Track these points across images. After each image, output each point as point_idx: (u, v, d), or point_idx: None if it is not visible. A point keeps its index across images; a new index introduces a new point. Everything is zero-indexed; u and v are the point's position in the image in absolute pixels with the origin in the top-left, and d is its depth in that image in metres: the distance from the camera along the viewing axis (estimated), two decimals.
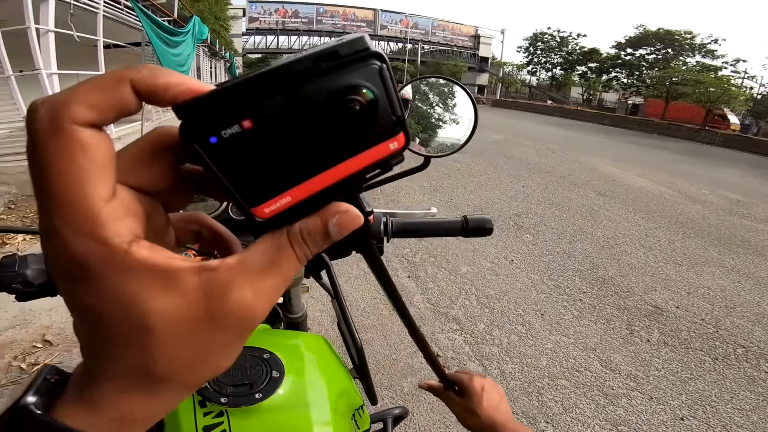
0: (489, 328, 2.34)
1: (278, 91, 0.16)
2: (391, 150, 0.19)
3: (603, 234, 3.96)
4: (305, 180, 0.18)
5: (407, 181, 5.75)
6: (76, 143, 0.14)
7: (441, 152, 0.65)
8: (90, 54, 5.93)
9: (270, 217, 0.18)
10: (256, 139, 0.17)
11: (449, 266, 3.03)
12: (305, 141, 0.17)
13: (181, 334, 0.16)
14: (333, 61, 0.17)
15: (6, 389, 1.76)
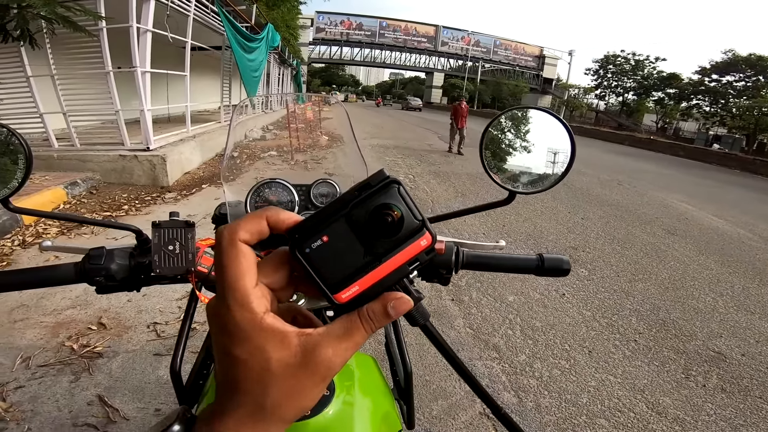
0: (530, 359, 2.23)
1: (339, 215, 0.25)
2: (423, 246, 0.26)
3: (669, 275, 3.62)
4: (366, 273, 0.25)
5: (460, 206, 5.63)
6: (241, 252, 0.24)
7: (529, 188, 0.61)
8: (177, 55, 6.44)
9: (346, 302, 0.25)
10: (331, 248, 0.25)
11: (495, 293, 2.92)
12: (362, 246, 0.25)
13: (287, 376, 0.24)
14: (368, 190, 0.25)
15: (52, 368, 1.84)
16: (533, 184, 0.61)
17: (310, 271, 0.25)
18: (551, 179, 0.60)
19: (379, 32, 50.89)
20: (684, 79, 36.64)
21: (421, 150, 10.43)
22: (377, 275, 0.25)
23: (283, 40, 13.86)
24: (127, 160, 4.88)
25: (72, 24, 3.85)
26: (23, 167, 0.56)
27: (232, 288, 0.24)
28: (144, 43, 4.90)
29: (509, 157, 0.62)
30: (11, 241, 3.05)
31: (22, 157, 0.56)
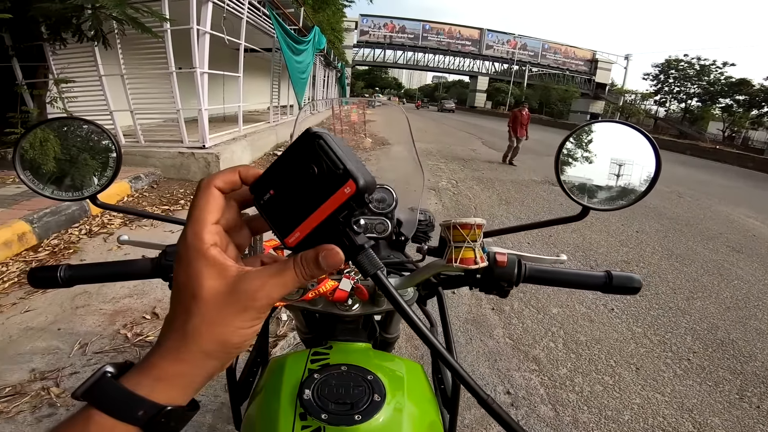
0: (572, 374, 2.13)
1: (282, 172, 0.29)
2: (347, 194, 0.27)
3: (731, 294, 3.34)
4: (303, 221, 0.28)
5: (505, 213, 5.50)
6: (211, 194, 0.28)
7: (604, 205, 0.59)
8: (231, 56, 6.78)
9: (294, 245, 0.29)
10: (278, 200, 0.29)
11: (539, 304, 2.81)
12: (299, 197, 0.28)
13: (213, 304, 0.26)
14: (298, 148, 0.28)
15: (106, 355, 1.92)
16: (610, 201, 0.59)
17: (265, 217, 0.29)
18: (630, 197, 0.58)
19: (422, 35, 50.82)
20: (755, 85, 33.61)
21: (464, 155, 10.24)
22: (312, 222, 0.28)
23: (329, 42, 14.14)
24: (185, 157, 5.18)
25: (140, 25, 4.15)
26: (113, 166, 0.60)
27: (193, 219, 0.28)
28: (203, 45, 5.17)
29: (585, 172, 0.60)
30: (79, 230, 3.29)
31: (113, 157, 0.60)
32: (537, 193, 6.30)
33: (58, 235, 3.15)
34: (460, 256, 0.55)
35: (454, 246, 0.55)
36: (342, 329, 0.70)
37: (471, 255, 0.55)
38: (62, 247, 2.97)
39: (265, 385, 0.61)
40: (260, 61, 10.04)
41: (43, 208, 3.14)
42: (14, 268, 2.62)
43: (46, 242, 3.00)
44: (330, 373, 0.55)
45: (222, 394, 1.74)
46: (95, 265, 0.63)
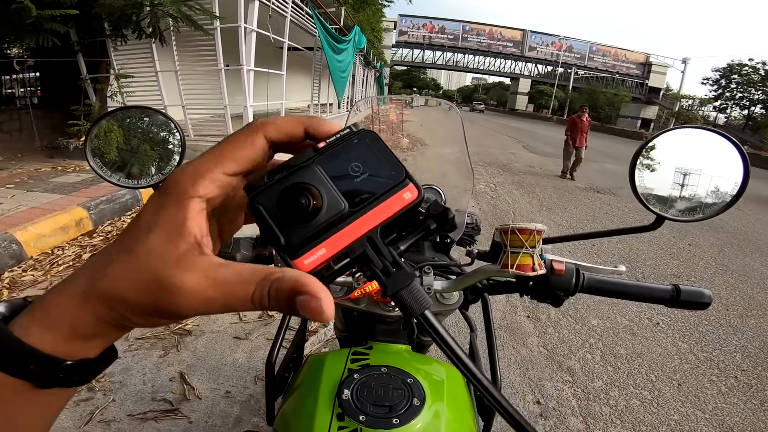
0: (607, 387, 2.04)
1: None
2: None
3: None
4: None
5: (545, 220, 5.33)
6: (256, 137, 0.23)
7: (682, 215, 0.56)
8: (274, 55, 6.98)
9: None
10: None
11: (577, 315, 2.70)
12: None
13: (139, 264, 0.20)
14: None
15: (147, 342, 1.96)
16: (688, 212, 0.56)
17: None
18: (712, 208, 0.55)
19: (462, 36, 50.07)
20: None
21: (503, 159, 9.93)
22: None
23: (368, 42, 14.26)
24: None
25: (193, 22, 4.38)
26: (178, 155, 0.62)
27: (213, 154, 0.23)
28: (249, 43, 5.36)
29: (661, 180, 0.58)
30: (130, 217, 3.49)
31: (177, 147, 0.62)
32: (580, 200, 6.04)
33: (112, 222, 3.35)
34: (517, 262, 0.53)
35: (511, 251, 0.54)
36: (382, 330, 0.69)
37: (529, 261, 0.54)
38: (115, 234, 3.15)
39: (302, 381, 0.61)
40: (302, 60, 10.28)
41: (100, 196, 3.37)
42: (70, 251, 2.78)
43: (101, 228, 3.20)
44: (370, 373, 0.54)
45: (251, 386, 1.77)
46: None
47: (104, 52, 4.92)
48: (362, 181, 0.22)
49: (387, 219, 0.22)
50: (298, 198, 0.21)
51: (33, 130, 5.07)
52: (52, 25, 3.83)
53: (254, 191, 0.22)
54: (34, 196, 3.34)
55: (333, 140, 0.23)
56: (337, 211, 0.22)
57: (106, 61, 4.99)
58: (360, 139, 0.23)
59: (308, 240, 0.21)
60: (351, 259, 0.22)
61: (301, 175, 0.22)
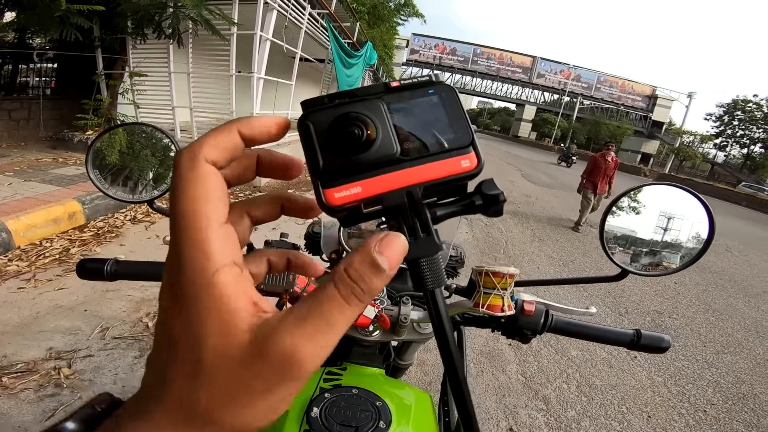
0: (580, 417, 2.08)
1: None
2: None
3: (765, 351, 3.20)
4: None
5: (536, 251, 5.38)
6: (204, 173, 0.19)
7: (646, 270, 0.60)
8: (285, 64, 7.08)
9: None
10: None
11: (558, 345, 2.74)
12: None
13: (228, 370, 0.17)
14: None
15: (124, 342, 1.93)
16: (651, 266, 0.59)
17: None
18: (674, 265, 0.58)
19: (472, 59, 50.72)
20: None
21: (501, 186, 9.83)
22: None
23: (379, 58, 14.41)
24: None
25: (212, 27, 4.50)
26: None
27: (186, 215, 0.17)
28: (263, 51, 5.46)
29: (630, 231, 0.61)
30: (124, 215, 3.50)
31: None
32: (573, 234, 6.10)
33: (105, 218, 3.37)
34: (488, 302, 0.58)
35: (483, 291, 0.58)
36: (358, 352, 0.71)
37: (499, 302, 0.58)
38: (106, 230, 3.17)
39: None
40: (312, 71, 10.39)
41: (96, 191, 3.36)
42: (58, 245, 2.78)
43: (93, 224, 3.21)
44: (341, 394, 0.56)
45: None
46: (141, 263, 0.66)
47: (123, 49, 5.03)
48: (424, 132, 0.21)
49: (435, 179, 0.21)
50: (352, 128, 0.20)
51: (40, 120, 5.15)
52: (78, 20, 3.95)
53: (309, 108, 0.21)
54: (31, 186, 3.38)
55: (407, 83, 0.22)
56: (387, 152, 0.20)
57: (123, 58, 5.10)
58: (436, 90, 0.22)
59: (347, 173, 0.20)
60: (383, 208, 0.21)
61: (363, 106, 0.21)
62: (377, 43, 13.93)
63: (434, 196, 0.22)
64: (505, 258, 4.41)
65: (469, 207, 0.23)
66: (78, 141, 4.82)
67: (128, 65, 5.09)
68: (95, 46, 4.84)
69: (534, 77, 50.77)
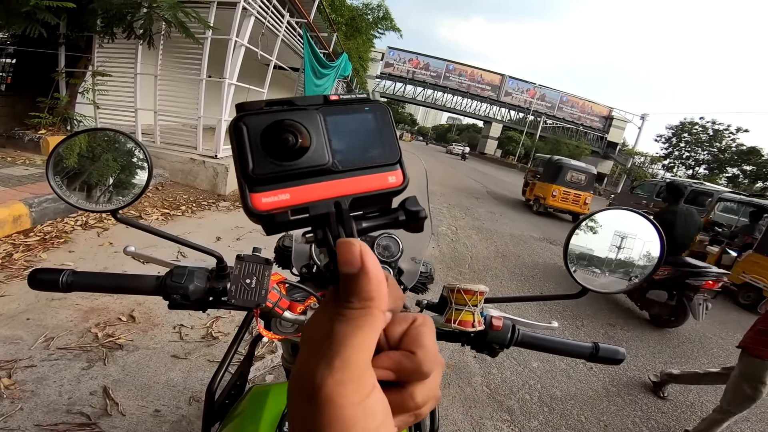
0: (542, 427, 2.16)
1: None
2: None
3: (708, 362, 3.47)
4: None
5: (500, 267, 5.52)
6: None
7: (604, 288, 0.64)
8: (258, 71, 6.97)
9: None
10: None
11: (521, 357, 2.83)
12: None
13: None
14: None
15: (70, 352, 1.85)
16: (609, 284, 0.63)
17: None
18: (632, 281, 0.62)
19: (444, 74, 51.95)
20: (765, 155, 32.13)
21: (467, 203, 10.07)
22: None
23: (354, 70, 14.45)
24: (196, 164, 5.25)
25: (186, 29, 4.38)
26: (141, 185, 0.62)
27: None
28: (237, 57, 5.34)
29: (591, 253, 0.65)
30: (75, 220, 3.30)
31: (143, 176, 0.62)
32: (534, 250, 6.34)
33: (53, 222, 3.16)
34: (459, 318, 0.61)
35: (455, 308, 0.62)
36: None
37: (470, 318, 0.61)
38: (54, 236, 2.98)
39: (244, 410, 0.62)
40: (285, 80, 10.32)
41: (45, 194, 3.17)
42: (0, 249, 2.60)
43: (39, 228, 3.01)
44: None
45: (184, 406, 1.70)
46: (99, 274, 0.63)
47: (88, 47, 4.81)
48: (356, 146, 0.22)
49: (363, 192, 0.21)
50: (286, 134, 0.20)
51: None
52: (46, 16, 3.75)
53: (245, 111, 0.21)
54: None
55: (346, 98, 0.23)
56: (319, 162, 0.21)
57: (87, 57, 4.86)
58: (372, 108, 0.23)
59: (277, 179, 0.20)
60: (310, 216, 0.21)
61: (300, 115, 0.21)
62: (353, 55, 14.03)
63: (360, 209, 0.23)
64: (470, 272, 4.51)
65: (392, 221, 0.24)
66: (29, 140, 4.52)
67: (92, 64, 4.86)
68: (59, 43, 4.61)
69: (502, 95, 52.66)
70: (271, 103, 0.21)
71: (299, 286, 0.65)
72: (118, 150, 0.66)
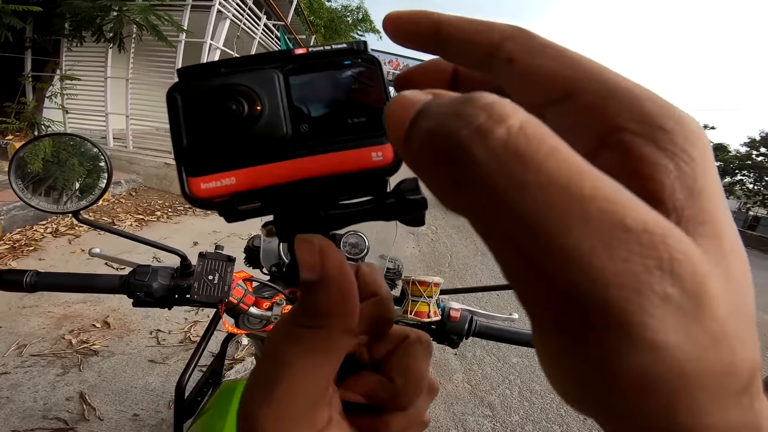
0: (523, 421, 2.20)
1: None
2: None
3: None
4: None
5: (480, 264, 5.61)
6: None
7: None
8: None
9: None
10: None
11: (500, 353, 2.87)
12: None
13: None
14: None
15: (44, 359, 1.83)
16: None
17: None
18: None
19: None
20: (731, 152, 31.84)
21: None
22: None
23: None
24: (171, 168, 5.08)
25: (158, 33, 4.30)
26: (102, 186, 0.63)
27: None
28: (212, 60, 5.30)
29: None
30: (44, 228, 3.19)
31: (104, 177, 0.63)
32: None
33: (23, 230, 3.07)
34: (415, 309, 0.64)
35: (411, 299, 0.64)
36: None
37: (425, 309, 0.64)
38: (23, 244, 2.89)
39: (213, 406, 0.63)
40: None
41: (13, 201, 3.05)
42: None
43: (8, 236, 2.92)
44: None
45: (164, 410, 1.68)
46: (63, 274, 0.64)
47: (56, 51, 4.67)
48: (328, 113, 0.17)
49: (337, 173, 0.16)
50: (229, 102, 0.16)
51: None
52: (11, 20, 3.63)
53: (186, 77, 0.17)
54: None
55: (317, 51, 0.17)
56: (275, 135, 0.16)
57: (55, 60, 4.73)
58: (353, 61, 0.17)
59: (220, 158, 0.16)
60: (262, 206, 0.17)
61: (251, 76, 0.16)
62: None
63: (336, 194, 0.18)
64: (450, 271, 4.53)
65: (379, 210, 0.18)
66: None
67: (60, 68, 4.72)
68: (25, 47, 4.47)
69: None
70: (216, 65, 0.17)
71: (266, 283, 0.66)
72: (80, 154, 0.67)
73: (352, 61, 0.17)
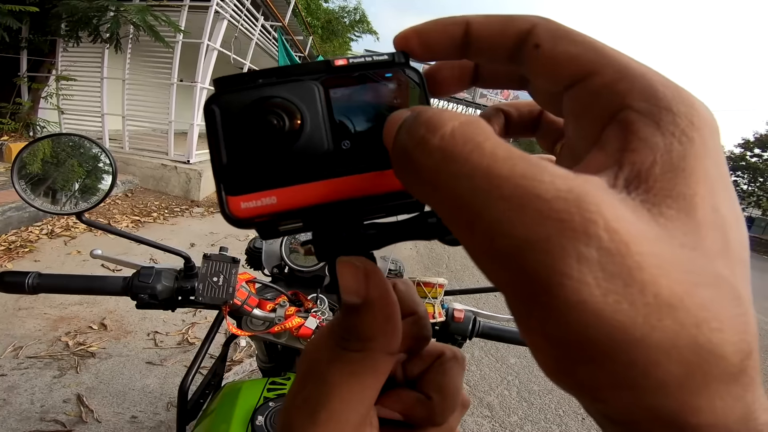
0: (522, 421, 2.20)
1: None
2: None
3: None
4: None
5: None
6: None
7: None
8: None
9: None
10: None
11: (498, 354, 2.89)
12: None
13: None
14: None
15: (40, 361, 1.82)
16: None
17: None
18: None
19: None
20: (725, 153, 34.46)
21: None
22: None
23: None
24: (167, 169, 5.09)
25: (155, 33, 4.28)
26: (105, 188, 0.63)
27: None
28: (209, 61, 5.23)
29: None
30: (40, 229, 3.18)
31: (108, 179, 0.63)
32: None
33: (18, 231, 3.05)
34: None
35: None
36: None
37: (430, 310, 0.64)
38: (18, 245, 2.87)
39: (216, 408, 0.63)
40: None
41: (9, 202, 3.05)
42: None
43: (4, 237, 2.91)
44: None
45: (162, 412, 1.68)
46: (65, 276, 0.63)
47: (52, 51, 4.65)
48: (371, 130, 0.16)
49: (379, 193, 0.16)
50: (269, 116, 0.15)
51: None
52: (7, 20, 3.62)
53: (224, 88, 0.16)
54: None
55: (358, 62, 0.17)
56: (317, 153, 0.16)
57: (51, 61, 4.71)
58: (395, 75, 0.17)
59: (261, 176, 0.15)
60: (304, 226, 0.17)
61: (290, 88, 0.16)
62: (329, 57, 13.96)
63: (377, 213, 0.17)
64: (447, 272, 4.55)
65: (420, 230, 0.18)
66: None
67: (56, 68, 4.69)
68: (21, 47, 4.45)
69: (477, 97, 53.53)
70: (255, 75, 0.16)
71: (269, 285, 0.67)
72: (83, 155, 0.67)
73: (394, 73, 0.17)
